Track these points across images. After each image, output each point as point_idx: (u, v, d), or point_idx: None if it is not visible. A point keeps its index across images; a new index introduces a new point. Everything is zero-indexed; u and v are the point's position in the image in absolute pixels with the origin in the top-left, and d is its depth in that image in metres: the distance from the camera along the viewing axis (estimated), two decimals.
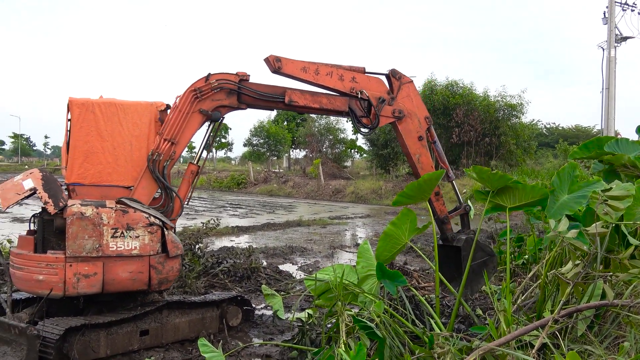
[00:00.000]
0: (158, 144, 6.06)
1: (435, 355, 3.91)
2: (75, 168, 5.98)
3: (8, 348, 5.22)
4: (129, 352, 5.90)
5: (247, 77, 6.28)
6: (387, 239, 5.47)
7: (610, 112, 31.75)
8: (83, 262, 5.61)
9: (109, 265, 5.72)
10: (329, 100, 6.52)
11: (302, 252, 12.99)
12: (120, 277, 5.78)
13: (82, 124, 6.00)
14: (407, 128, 6.73)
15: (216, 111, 6.21)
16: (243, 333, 6.87)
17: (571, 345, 3.69)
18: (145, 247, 5.86)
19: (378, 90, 6.63)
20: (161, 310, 6.22)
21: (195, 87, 6.09)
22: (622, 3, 32.85)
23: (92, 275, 5.63)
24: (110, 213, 5.73)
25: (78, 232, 5.60)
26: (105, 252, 5.69)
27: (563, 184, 4.90)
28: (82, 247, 5.60)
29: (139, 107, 6.22)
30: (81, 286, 5.59)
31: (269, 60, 6.14)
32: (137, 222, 5.83)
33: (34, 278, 5.60)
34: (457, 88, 34.62)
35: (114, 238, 5.71)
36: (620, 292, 4.06)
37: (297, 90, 6.44)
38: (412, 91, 6.86)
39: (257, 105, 6.45)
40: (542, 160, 38.33)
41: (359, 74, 6.60)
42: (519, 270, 7.93)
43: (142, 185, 6.09)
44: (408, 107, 6.74)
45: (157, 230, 5.94)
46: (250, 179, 41.79)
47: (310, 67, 6.33)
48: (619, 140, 6.15)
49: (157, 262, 5.93)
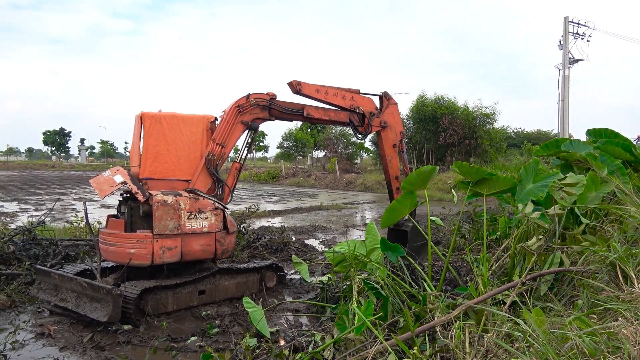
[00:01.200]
0: (212, 147, 6.18)
1: (427, 310, 3.90)
2: (147, 166, 6.04)
3: (98, 304, 5.28)
4: (190, 307, 5.95)
5: (275, 96, 6.55)
6: (391, 211, 5.76)
7: (565, 119, 31.42)
8: (167, 238, 5.74)
9: (185, 240, 5.85)
10: (335, 114, 6.98)
11: (322, 230, 12.98)
12: (194, 249, 5.93)
13: (152, 132, 6.06)
14: (387, 136, 7.32)
15: (254, 122, 6.42)
16: (277, 292, 6.90)
17: (536, 302, 3.65)
18: (212, 226, 6.02)
19: (369, 107, 7.17)
20: (214, 275, 6.28)
21: (238, 103, 6.30)
22: (574, 33, 32.42)
23: (174, 248, 5.77)
24: (185, 200, 5.84)
25: (162, 215, 5.68)
26: (183, 230, 5.83)
27: (528, 175, 4.84)
28: (165, 226, 5.71)
29: (194, 119, 6.27)
30: (166, 256, 5.74)
31: (292, 84, 6.50)
32: (206, 207, 5.98)
33: (127, 252, 5.67)
34: (443, 101, 34.34)
35: (189, 219, 5.85)
36: (575, 260, 4.00)
37: (313, 106, 6.82)
38: (395, 111, 7.45)
39: (282, 117, 6.67)
40: (510, 158, 37.81)
41: (356, 95, 7.08)
42: (493, 243, 7.84)
43: (200, 179, 6.18)
44: (390, 121, 7.33)
45: (220, 212, 6.10)
46: (282, 174, 41.83)
47: (322, 89, 6.77)
48: (572, 141, 6.08)
49: (220, 237, 6.12)
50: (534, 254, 4.09)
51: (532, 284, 3.94)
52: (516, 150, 43.33)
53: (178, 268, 6.13)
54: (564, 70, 31.69)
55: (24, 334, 5.16)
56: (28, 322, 5.60)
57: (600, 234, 4.19)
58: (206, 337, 5.06)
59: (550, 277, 3.90)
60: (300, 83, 6.58)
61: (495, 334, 3.05)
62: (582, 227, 4.30)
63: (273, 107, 6.51)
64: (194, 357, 4.51)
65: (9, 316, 5.79)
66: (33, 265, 6.91)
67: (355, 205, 20.84)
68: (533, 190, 4.63)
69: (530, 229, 4.71)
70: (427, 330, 3.48)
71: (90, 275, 6.07)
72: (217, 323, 5.45)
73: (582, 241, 4.12)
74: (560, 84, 31.81)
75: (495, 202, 12.22)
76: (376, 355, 3.35)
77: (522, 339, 2.72)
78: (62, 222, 12.82)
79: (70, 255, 7.86)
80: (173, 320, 5.60)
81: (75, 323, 5.48)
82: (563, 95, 31.52)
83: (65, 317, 5.65)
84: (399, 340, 3.26)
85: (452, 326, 3.30)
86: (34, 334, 5.21)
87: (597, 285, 3.32)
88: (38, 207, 17.56)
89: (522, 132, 57.53)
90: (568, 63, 31.79)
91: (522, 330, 2.75)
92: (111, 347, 4.84)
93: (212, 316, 5.73)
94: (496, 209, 11.70)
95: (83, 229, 9.87)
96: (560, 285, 3.97)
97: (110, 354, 4.64)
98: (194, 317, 5.74)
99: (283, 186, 35.89)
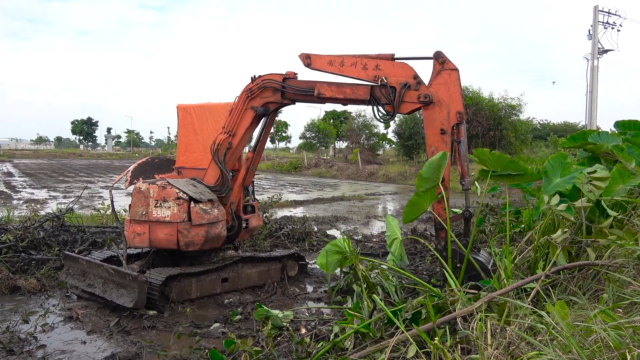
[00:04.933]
0: (217, 136, 5.99)
1: (448, 302, 3.87)
2: (180, 156, 6.18)
3: (124, 290, 5.39)
4: (213, 294, 6.03)
5: (294, 75, 5.77)
6: (411, 206, 5.15)
7: (592, 110, 30.71)
8: (137, 223, 5.80)
9: (152, 227, 5.78)
10: (352, 90, 5.51)
11: (344, 221, 12.99)
12: (159, 237, 5.76)
13: (184, 123, 6.18)
14: (431, 116, 5.13)
15: (265, 107, 5.89)
16: (299, 281, 6.93)
17: (560, 296, 3.61)
18: (174, 216, 5.72)
19: (403, 75, 5.25)
20: (237, 263, 6.33)
21: (248, 88, 5.88)
22: (604, 22, 31.58)
23: (142, 234, 5.78)
24: (154, 188, 5.80)
25: (136, 201, 5.79)
26: (149, 217, 5.78)
27: (555, 169, 4.75)
28: (136, 212, 5.80)
29: (219, 108, 6.31)
30: (136, 241, 5.80)
31: (300, 58, 5.68)
32: (170, 196, 5.74)
33: (124, 234, 5.96)
34: (468, 92, 33.90)
35: (155, 207, 5.76)
36: (600, 254, 3.93)
37: (325, 82, 5.62)
38: (453, 80, 5.07)
39: (297, 99, 5.86)
40: (536, 150, 37.25)
41: (383, 61, 5.33)
42: (517, 236, 7.75)
43: (210, 168, 6.13)
44: (441, 95, 5.08)
45: (184, 203, 5.72)
46: (304, 164, 41.89)
47: (336, 60, 5.49)
48: (600, 132, 5.95)
49: (182, 228, 5.70)
50: (559, 246, 4.03)
51: (556, 278, 3.89)
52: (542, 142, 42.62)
53: (200, 255, 6.21)
54: (593, 61, 30.91)
55: (53, 317, 5.30)
56: (57, 305, 5.75)
57: (628, 228, 4.11)
58: (229, 323, 5.12)
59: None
60: (309, 56, 5.61)
61: (517, 326, 3.02)
62: (609, 220, 4.22)
63: (286, 88, 5.72)
64: (216, 343, 4.58)
65: (39, 300, 5.96)
66: (62, 251, 7.08)
67: (377, 196, 20.78)
68: (561, 183, 4.55)
69: (554, 221, 4.64)
70: (448, 321, 3.47)
71: (116, 262, 6.19)
72: (240, 310, 5.52)
73: (609, 235, 4.04)
74: (589, 75, 31.05)
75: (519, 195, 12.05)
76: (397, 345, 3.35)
77: (545, 331, 2.69)
78: (89, 209, 13.10)
79: (97, 241, 8.03)
80: (196, 306, 5.68)
81: (102, 308, 5.61)
82: (591, 87, 30.77)
83: (92, 302, 5.79)
84: (420, 330, 3.26)
85: (473, 318, 3.28)
86: (63, 317, 5.35)
87: (624, 279, 3.26)
88: (66, 195, 17.96)
89: (548, 124, 56.50)
90: (597, 53, 30.99)
91: (545, 323, 2.72)
92: (136, 331, 4.94)
93: (234, 303, 5.80)
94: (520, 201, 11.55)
95: (110, 216, 10.07)
96: (585, 278, 3.91)
97: (136, 338, 4.74)
98: (217, 304, 5.82)
99: (305, 176, 35.96)
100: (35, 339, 4.66)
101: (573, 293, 3.65)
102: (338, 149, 55.94)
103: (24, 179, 26.76)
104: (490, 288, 4.17)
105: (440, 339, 3.11)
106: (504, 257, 4.18)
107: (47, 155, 65.92)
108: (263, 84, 5.79)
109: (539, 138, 46.21)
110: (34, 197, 17.25)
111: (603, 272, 3.65)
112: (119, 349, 4.48)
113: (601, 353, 2.34)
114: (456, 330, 3.41)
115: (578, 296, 3.44)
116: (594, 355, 2.36)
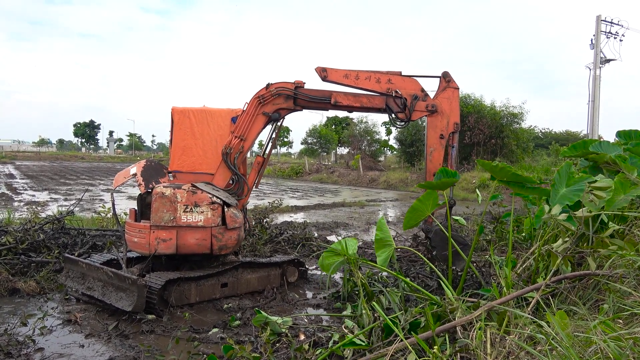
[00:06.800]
0: (230, 140, 6.12)
1: (447, 311, 3.86)
2: (175, 159, 6.14)
3: (123, 294, 5.38)
4: (212, 299, 6.02)
5: (302, 84, 6.20)
6: (413, 212, 5.47)
7: (594, 120, 30.72)
8: (162, 229, 5.76)
9: (181, 233, 5.80)
10: (368, 99, 6.29)
11: (345, 227, 12.96)
12: (189, 243, 5.81)
13: (180, 127, 6.15)
14: (434, 123, 6.30)
15: (276, 113, 6.20)
16: (298, 287, 6.91)
17: (560, 306, 3.59)
18: (208, 220, 5.85)
19: (412, 89, 6.28)
20: (237, 268, 6.32)
21: (259, 94, 6.14)
22: (606, 32, 31.62)
23: (168, 240, 5.76)
24: (182, 193, 5.82)
25: (159, 207, 5.74)
26: (178, 222, 5.79)
27: (562, 179, 4.74)
28: (161, 218, 5.75)
29: (222, 113, 6.30)
30: (160, 248, 5.75)
31: (317, 71, 6.15)
32: (203, 201, 5.85)
33: (133, 240, 5.83)
34: (470, 100, 33.92)
35: (185, 212, 5.79)
36: (601, 264, 3.92)
37: (341, 92, 6.28)
38: (454, 96, 6.33)
39: (310, 107, 6.32)
40: (537, 158, 37.20)
41: (394, 76, 6.27)
42: (518, 245, 7.74)
43: (219, 172, 6.19)
44: (444, 107, 6.29)
45: (218, 207, 5.90)
46: (305, 170, 41.89)
47: (351, 74, 6.19)
48: (602, 142, 5.94)
49: (217, 232, 5.89)
50: (560, 256, 4.02)
51: (557, 287, 3.87)
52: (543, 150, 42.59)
53: (202, 260, 6.21)
54: (595, 70, 30.95)
55: (51, 320, 5.29)
56: (56, 308, 5.74)
57: (629, 238, 4.10)
58: (227, 329, 5.11)
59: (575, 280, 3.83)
60: (325, 69, 6.16)
61: (517, 336, 3.01)
62: (609, 230, 4.21)
63: (298, 96, 6.17)
64: (215, 348, 4.57)
65: (37, 302, 5.95)
66: (62, 253, 7.08)
67: (378, 202, 20.76)
68: (567, 194, 4.53)
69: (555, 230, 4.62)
70: (447, 330, 3.46)
71: (116, 265, 6.18)
72: (239, 316, 5.50)
73: (610, 245, 4.03)
74: (591, 84, 31.08)
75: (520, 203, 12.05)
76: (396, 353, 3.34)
77: (545, 341, 2.68)
78: (90, 212, 13.09)
79: (97, 244, 8.03)
80: (195, 311, 5.67)
81: (101, 311, 5.60)
82: (593, 96, 30.80)
83: (91, 305, 5.78)
84: (419, 338, 3.25)
85: (473, 327, 3.27)
86: (62, 320, 5.34)
87: (624, 290, 3.25)
88: (67, 197, 17.97)
89: (549, 133, 56.47)
90: (599, 63, 31.04)
91: (545, 333, 2.71)
92: (135, 335, 4.93)
93: (233, 309, 5.78)
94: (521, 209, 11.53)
95: (110, 219, 10.07)
96: (585, 288, 3.89)
97: (134, 342, 4.73)
98: (216, 310, 5.80)
99: (306, 182, 35.95)
100: (34, 342, 4.64)
101: (573, 303, 3.63)
102: (339, 155, 55.94)
103: (25, 181, 26.79)
104: (490, 297, 4.16)
105: (439, 347, 3.10)
106: (505, 266, 4.16)
107: (49, 158, 66.01)
108: (276, 91, 6.12)
109: (540, 147, 46.17)
110: (35, 199, 17.26)
111: (604, 282, 3.64)
112: (117, 353, 4.47)
113: None
114: (455, 339, 3.40)
115: (578, 306, 3.42)
116: None
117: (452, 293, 4.14)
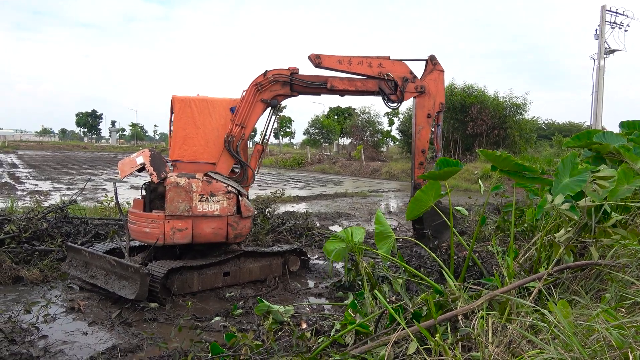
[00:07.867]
0: (231, 128, 6.15)
1: (449, 300, 3.86)
2: (176, 149, 6.11)
3: (126, 282, 5.40)
4: (214, 288, 6.05)
5: (296, 70, 6.33)
6: (415, 202, 5.48)
7: (598, 110, 30.57)
8: (177, 219, 5.78)
9: (197, 222, 5.86)
10: (362, 83, 6.55)
11: (347, 217, 12.98)
12: (205, 232, 5.92)
13: (181, 116, 6.12)
14: (422, 103, 6.69)
15: (274, 99, 6.30)
16: (300, 277, 6.94)
17: (562, 295, 3.59)
18: (224, 209, 5.97)
19: (402, 72, 6.59)
20: (239, 258, 6.34)
21: (257, 82, 6.20)
22: (611, 22, 31.39)
23: (184, 230, 5.80)
24: (198, 183, 5.85)
25: (174, 196, 5.74)
26: (194, 212, 5.83)
27: (566, 169, 4.71)
28: (177, 208, 5.75)
29: (224, 102, 6.28)
30: (176, 237, 5.77)
31: (310, 58, 6.28)
32: (219, 190, 5.95)
33: (143, 230, 5.80)
34: (473, 90, 33.80)
35: (200, 202, 5.84)
36: (604, 254, 3.91)
37: (337, 77, 6.48)
38: (440, 78, 6.75)
39: (306, 92, 6.47)
40: (540, 149, 37.15)
41: (385, 60, 6.56)
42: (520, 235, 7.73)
43: (222, 161, 6.19)
44: (430, 88, 6.68)
45: (233, 196, 6.05)
46: (307, 160, 41.88)
47: (344, 59, 6.40)
48: (605, 132, 5.91)
49: (233, 221, 6.04)
50: (562, 246, 4.01)
51: (559, 277, 3.87)
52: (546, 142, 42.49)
53: (204, 249, 6.22)
54: (599, 61, 30.73)
55: (55, 308, 5.32)
56: (59, 296, 5.78)
57: (632, 228, 4.08)
58: (230, 317, 5.13)
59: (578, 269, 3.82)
60: (319, 56, 6.30)
61: (519, 325, 3.01)
62: (612, 220, 4.19)
63: (295, 82, 6.30)
64: (217, 336, 4.59)
65: (41, 290, 5.99)
66: (65, 242, 7.10)
67: (380, 193, 20.76)
68: (570, 184, 4.52)
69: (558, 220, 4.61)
70: (449, 318, 3.46)
71: (119, 254, 6.20)
72: (241, 304, 5.52)
73: (613, 234, 4.02)
74: (595, 75, 30.89)
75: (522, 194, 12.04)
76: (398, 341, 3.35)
77: (546, 330, 2.68)
78: (92, 201, 13.13)
79: (100, 233, 8.06)
80: (198, 300, 5.69)
81: (104, 299, 5.63)
82: (597, 87, 30.61)
83: (94, 293, 5.81)
84: (421, 327, 3.25)
85: (474, 316, 3.27)
86: (65, 308, 5.38)
87: (626, 279, 3.25)
88: (70, 187, 18.01)
89: (553, 124, 56.34)
90: (604, 53, 30.83)
91: (547, 322, 2.71)
92: (138, 323, 4.96)
93: (236, 297, 5.81)
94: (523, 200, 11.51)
95: (113, 208, 10.09)
96: (587, 278, 3.89)
97: (137, 330, 4.76)
98: (218, 298, 5.83)
99: (308, 172, 35.94)
100: (37, 329, 4.68)
101: (575, 292, 3.63)
102: (342, 146, 55.89)
103: (28, 170, 26.84)
104: (492, 286, 4.16)
105: (441, 336, 3.10)
106: (507, 256, 4.16)
107: (51, 147, 66.09)
108: (273, 78, 6.21)
109: (543, 138, 46.07)
110: (38, 188, 17.30)
111: (606, 272, 3.63)
112: (120, 340, 4.50)
113: (603, 352, 2.33)
114: (457, 328, 3.41)
115: (580, 296, 3.42)
116: (595, 354, 2.35)
117: (454, 282, 4.15)
